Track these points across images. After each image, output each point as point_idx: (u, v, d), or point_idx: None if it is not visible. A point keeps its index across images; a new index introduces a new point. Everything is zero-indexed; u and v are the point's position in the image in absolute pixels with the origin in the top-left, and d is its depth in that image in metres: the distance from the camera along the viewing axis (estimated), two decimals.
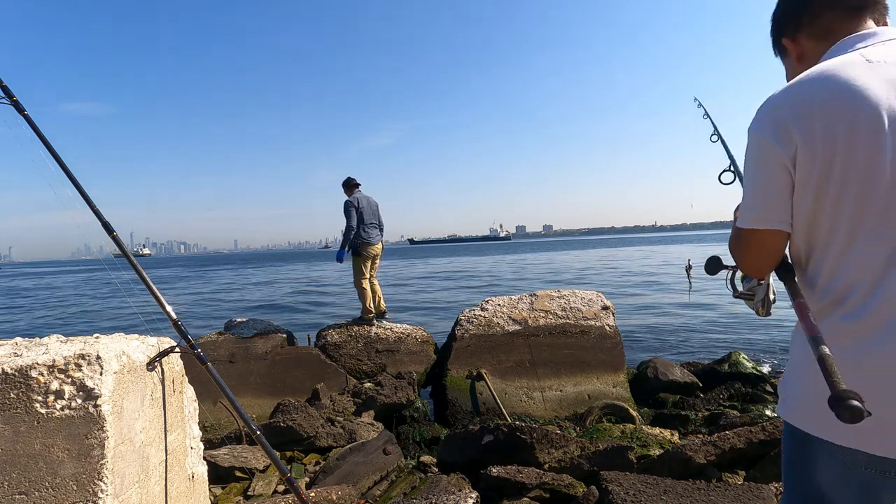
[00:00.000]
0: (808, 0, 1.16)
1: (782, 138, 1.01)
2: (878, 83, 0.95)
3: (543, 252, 63.19)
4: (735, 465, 3.35)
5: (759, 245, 1.11)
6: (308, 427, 4.00)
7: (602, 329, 5.24)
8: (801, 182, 1.01)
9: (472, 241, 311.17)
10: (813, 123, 0.98)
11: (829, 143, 0.97)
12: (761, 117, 1.06)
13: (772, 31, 1.26)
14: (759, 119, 1.06)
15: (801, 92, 1.01)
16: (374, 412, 4.60)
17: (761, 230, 1.08)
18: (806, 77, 1.03)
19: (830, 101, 0.97)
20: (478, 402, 4.79)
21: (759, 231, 1.08)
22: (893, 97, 0.94)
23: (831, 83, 0.98)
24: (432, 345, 5.92)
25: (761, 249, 1.11)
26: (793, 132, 1.00)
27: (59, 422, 1.40)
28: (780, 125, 1.01)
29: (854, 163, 0.96)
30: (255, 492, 3.33)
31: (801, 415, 1.09)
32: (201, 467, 2.12)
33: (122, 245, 2.01)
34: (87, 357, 1.45)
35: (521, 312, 5.38)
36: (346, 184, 6.52)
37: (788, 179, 1.03)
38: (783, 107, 1.02)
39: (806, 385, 1.07)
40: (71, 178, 1.99)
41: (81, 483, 1.40)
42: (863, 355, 0.97)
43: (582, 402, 4.84)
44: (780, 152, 1.01)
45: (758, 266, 1.16)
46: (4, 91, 2.02)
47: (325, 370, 5.25)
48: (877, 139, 0.94)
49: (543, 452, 3.41)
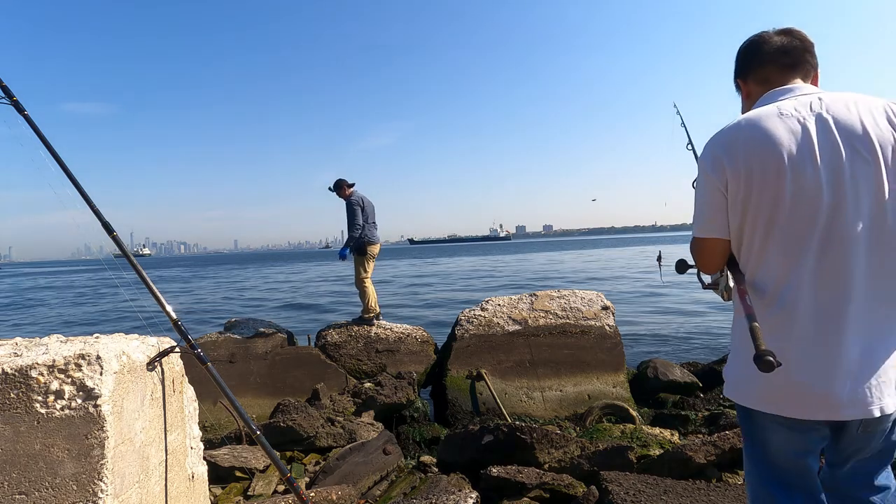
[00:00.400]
0: (755, 55, 1.52)
1: (717, 169, 1.37)
2: (783, 131, 1.31)
3: (543, 252, 63.18)
4: (735, 465, 3.35)
5: (708, 248, 1.46)
6: (308, 427, 4.00)
7: (602, 329, 5.24)
8: (730, 202, 1.37)
9: (472, 241, 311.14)
10: (737, 160, 1.34)
11: (748, 175, 1.32)
12: (705, 153, 1.42)
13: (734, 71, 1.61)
14: (704, 154, 1.43)
15: (731, 135, 1.38)
16: (374, 412, 4.60)
17: (708, 238, 1.44)
18: (735, 123, 1.40)
19: (750, 144, 1.33)
20: (478, 402, 4.79)
21: (706, 238, 1.45)
22: (793, 143, 1.29)
23: (751, 130, 1.34)
24: (432, 345, 5.92)
25: (710, 251, 1.47)
26: (724, 165, 1.36)
27: (59, 422, 1.40)
28: (716, 159, 1.38)
29: (765, 190, 1.31)
30: (255, 492, 3.33)
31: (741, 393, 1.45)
32: (201, 467, 2.12)
33: (122, 245, 2.01)
34: (87, 357, 1.45)
35: (521, 312, 5.38)
36: (339, 185, 6.43)
37: (723, 200, 1.38)
38: (718, 145, 1.39)
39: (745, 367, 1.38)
40: (71, 178, 1.99)
41: (81, 483, 1.40)
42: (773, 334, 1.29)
43: (582, 402, 4.84)
44: (716, 180, 1.38)
45: (709, 264, 1.51)
46: (4, 91, 2.02)
47: (325, 370, 5.25)
48: (781, 174, 1.29)
49: (543, 452, 3.41)
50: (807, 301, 1.30)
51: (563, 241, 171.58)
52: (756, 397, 1.39)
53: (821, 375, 1.28)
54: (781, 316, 1.33)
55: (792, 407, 1.33)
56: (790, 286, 1.32)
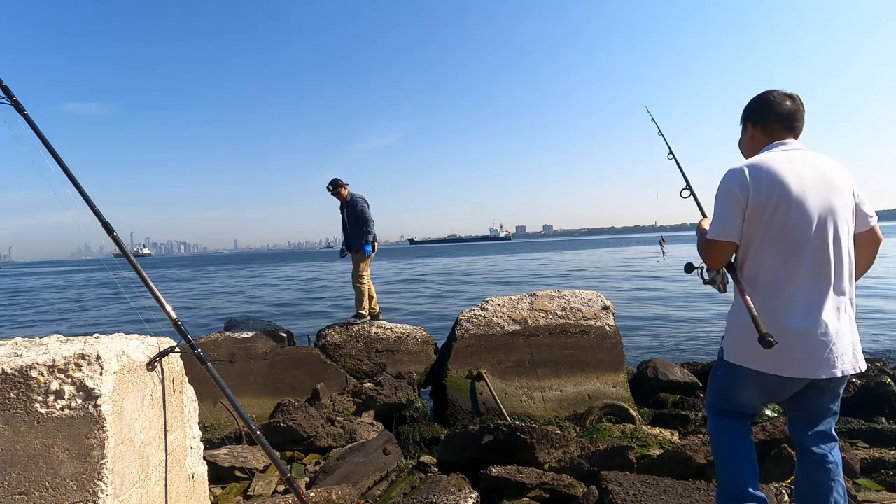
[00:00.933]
0: (768, 112, 2.04)
1: (744, 192, 1.89)
2: (792, 174, 1.88)
3: (543, 252, 63.17)
4: None
5: (720, 249, 1.96)
6: (308, 427, 4.00)
7: (602, 329, 5.24)
8: (748, 217, 1.90)
9: (472, 241, 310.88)
10: (760, 188, 1.87)
11: (767, 200, 1.87)
12: (735, 177, 1.92)
13: (742, 113, 2.15)
14: (730, 177, 1.94)
15: (756, 168, 1.91)
16: (374, 412, 4.60)
17: (723, 241, 1.94)
18: (759, 160, 1.94)
19: (770, 178, 1.88)
20: (478, 402, 4.79)
21: (721, 241, 1.94)
22: (798, 183, 1.86)
23: (772, 167, 1.90)
24: (432, 345, 5.92)
25: (722, 251, 1.96)
26: (749, 189, 1.88)
27: (59, 422, 1.40)
28: (744, 184, 1.90)
29: (776, 213, 1.86)
30: (255, 492, 3.33)
31: (735, 355, 1.99)
32: (201, 467, 2.12)
33: (122, 245, 2.01)
34: (87, 357, 1.45)
35: (521, 312, 5.38)
36: (339, 184, 6.39)
37: (742, 214, 1.90)
38: (745, 174, 1.90)
39: (738, 337, 1.96)
40: (71, 178, 1.99)
41: (81, 483, 1.40)
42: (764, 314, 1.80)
43: (582, 402, 4.84)
44: (741, 199, 1.90)
45: (717, 261, 2.00)
46: (4, 91, 2.02)
47: (325, 370, 5.24)
48: (789, 203, 1.85)
49: (543, 452, 3.41)
50: (797, 292, 1.85)
51: (563, 241, 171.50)
52: (754, 360, 1.90)
53: (808, 345, 1.83)
54: (775, 299, 1.86)
55: (785, 369, 1.86)
56: (788, 281, 1.86)
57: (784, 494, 2.75)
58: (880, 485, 3.14)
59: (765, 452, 3.21)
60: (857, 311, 1.92)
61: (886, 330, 8.87)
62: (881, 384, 4.71)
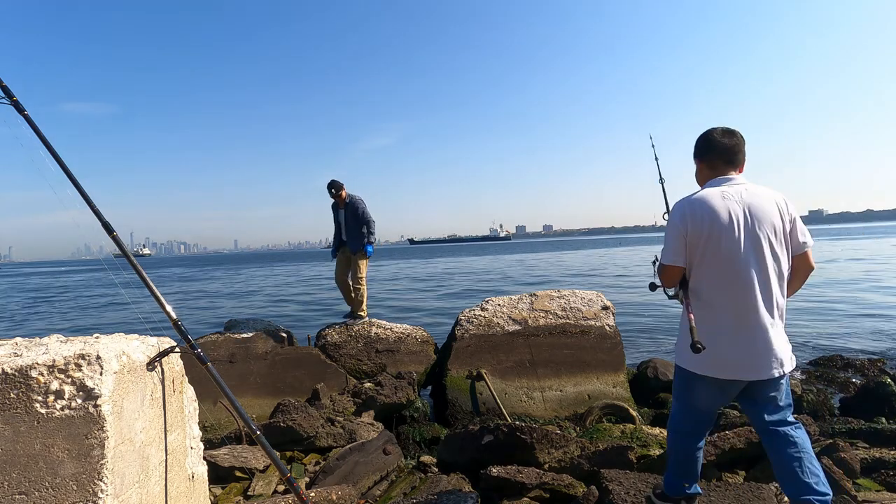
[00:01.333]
0: (708, 149, 2.36)
1: (684, 224, 2.25)
2: (723, 208, 2.21)
3: (543, 252, 63.15)
4: (735, 465, 3.35)
5: (670, 272, 2.33)
6: (308, 427, 4.00)
7: (602, 329, 5.24)
8: (689, 244, 2.25)
9: (472, 241, 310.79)
10: (696, 220, 2.22)
11: (702, 231, 2.21)
12: (676, 210, 2.32)
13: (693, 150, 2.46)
14: (675, 211, 2.32)
15: (694, 204, 2.26)
16: (374, 412, 4.60)
17: (672, 265, 2.30)
18: (697, 196, 2.28)
19: (705, 211, 2.22)
20: (478, 402, 4.79)
21: (670, 265, 2.30)
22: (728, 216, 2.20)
23: (707, 202, 2.24)
24: (432, 345, 5.91)
25: (671, 274, 2.33)
26: (687, 221, 2.24)
27: (59, 422, 1.40)
28: (684, 216, 2.26)
29: (710, 241, 2.21)
30: (255, 492, 3.33)
31: (682, 360, 2.34)
32: (201, 467, 2.12)
33: (122, 245, 2.01)
34: (87, 357, 1.45)
35: (521, 312, 5.38)
36: (340, 186, 6.35)
37: (684, 242, 2.25)
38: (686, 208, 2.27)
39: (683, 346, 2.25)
40: (71, 178, 1.99)
41: (81, 483, 1.40)
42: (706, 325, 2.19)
43: (582, 402, 4.84)
44: (682, 230, 2.25)
45: (671, 281, 2.36)
46: (4, 91, 2.02)
47: (325, 370, 5.24)
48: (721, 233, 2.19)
49: (543, 452, 3.41)
50: (730, 305, 2.19)
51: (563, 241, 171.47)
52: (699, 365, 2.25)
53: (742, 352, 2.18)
54: (714, 313, 2.22)
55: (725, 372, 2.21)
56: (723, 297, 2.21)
57: (784, 494, 2.75)
58: (880, 485, 3.15)
59: (764, 452, 3.21)
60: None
61: (886, 330, 8.87)
62: (881, 384, 4.71)
